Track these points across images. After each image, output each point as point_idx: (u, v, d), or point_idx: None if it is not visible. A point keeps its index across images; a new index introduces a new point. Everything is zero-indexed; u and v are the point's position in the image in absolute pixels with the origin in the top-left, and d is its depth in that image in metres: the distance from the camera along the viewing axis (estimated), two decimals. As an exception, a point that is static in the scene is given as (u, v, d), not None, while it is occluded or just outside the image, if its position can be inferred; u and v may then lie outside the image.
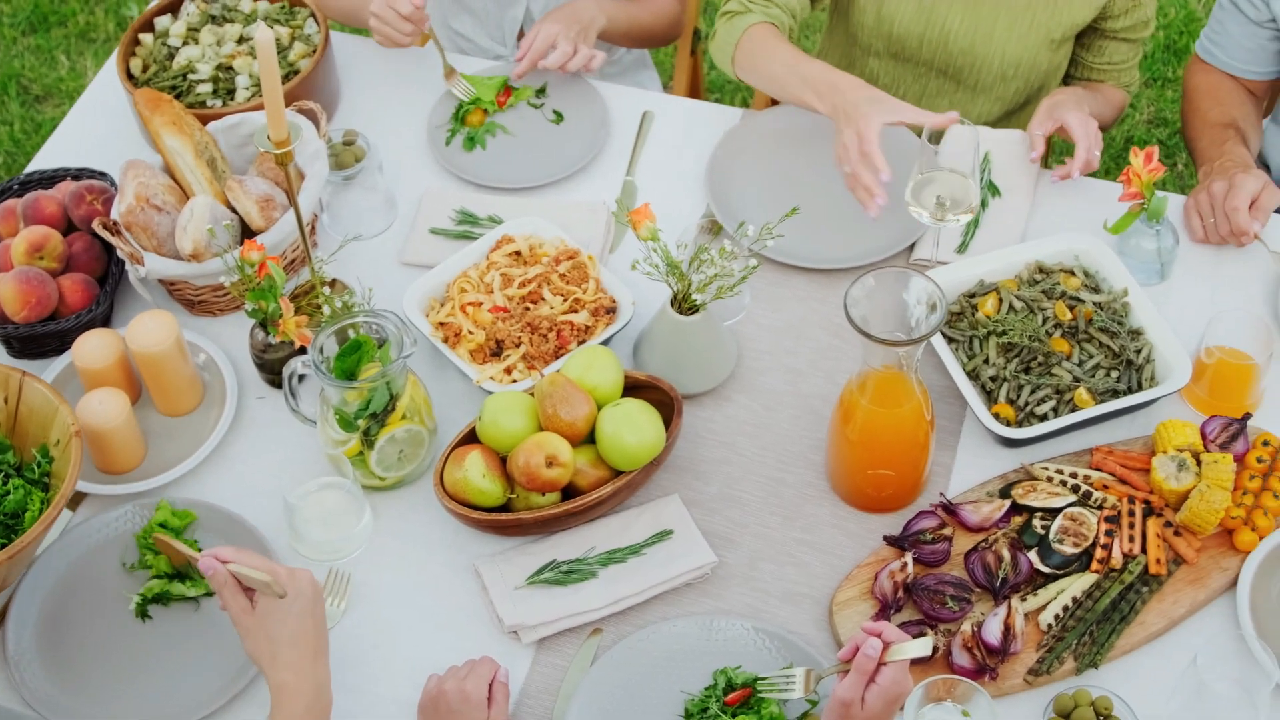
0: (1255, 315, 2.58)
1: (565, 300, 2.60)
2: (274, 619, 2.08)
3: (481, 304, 2.60)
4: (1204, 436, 2.46)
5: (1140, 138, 4.70)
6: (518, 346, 2.55)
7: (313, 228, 2.80)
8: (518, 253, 2.69)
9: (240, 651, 2.29)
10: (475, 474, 2.35)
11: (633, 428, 2.35)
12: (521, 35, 3.34)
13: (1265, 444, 2.47)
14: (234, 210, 2.68)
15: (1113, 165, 4.43)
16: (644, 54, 3.53)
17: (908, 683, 2.02)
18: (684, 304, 2.49)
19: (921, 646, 1.99)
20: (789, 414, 2.57)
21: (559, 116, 3.02)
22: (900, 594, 2.30)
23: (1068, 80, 3.17)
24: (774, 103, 3.43)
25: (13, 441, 2.43)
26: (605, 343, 2.57)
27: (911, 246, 2.77)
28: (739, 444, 2.54)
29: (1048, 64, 3.03)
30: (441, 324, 2.60)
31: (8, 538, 2.32)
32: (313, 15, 3.04)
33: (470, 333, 2.57)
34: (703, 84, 3.72)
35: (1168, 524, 2.39)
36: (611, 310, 2.60)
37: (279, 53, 2.98)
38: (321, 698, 2.08)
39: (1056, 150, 3.65)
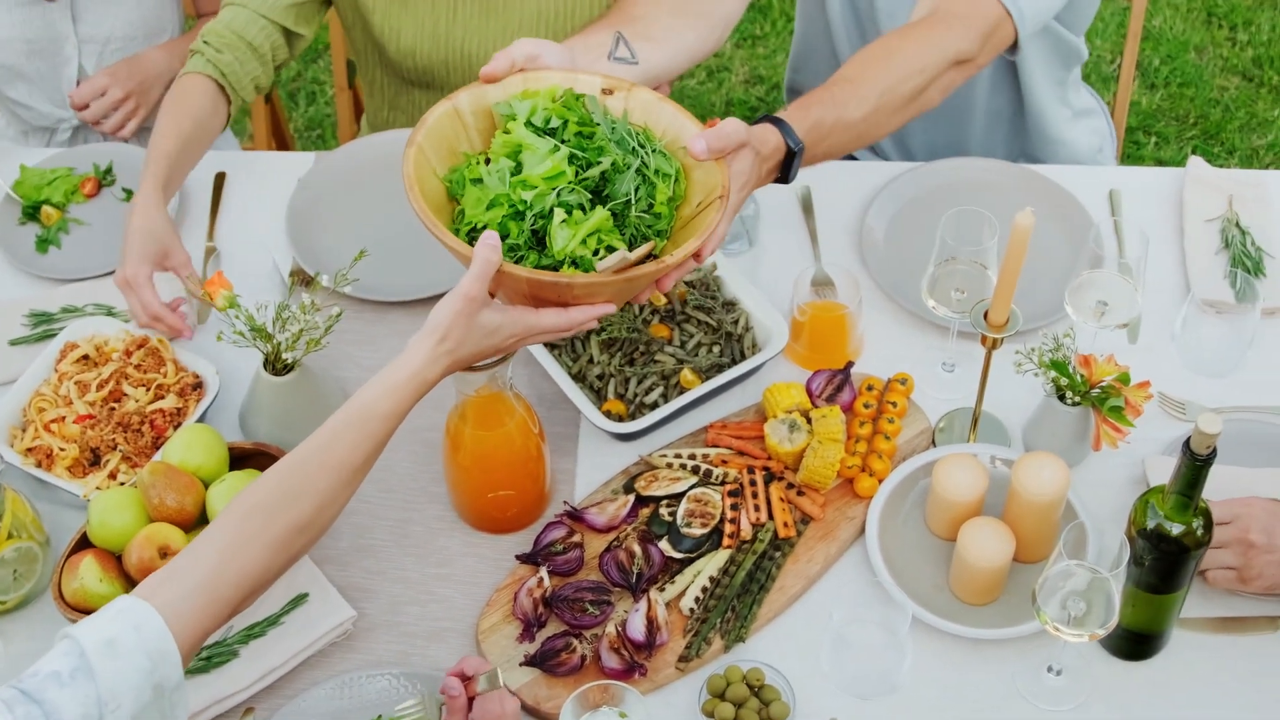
0: (839, 265, 2.64)
1: (148, 389, 2.53)
2: None
3: (65, 418, 2.52)
4: (810, 393, 2.51)
5: (739, 98, 4.78)
6: (115, 449, 2.47)
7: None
8: (86, 356, 2.60)
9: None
10: (91, 580, 2.27)
11: (243, 501, 2.30)
12: None
13: (870, 389, 2.53)
14: None
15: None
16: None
17: (507, 704, 2.05)
18: (277, 364, 2.44)
19: (489, 680, 2.04)
20: (406, 451, 2.54)
21: (128, 194, 2.93)
22: (541, 610, 2.30)
23: None
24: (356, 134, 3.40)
25: None
26: (201, 419, 2.51)
27: (503, 260, 2.77)
28: (362, 492, 2.49)
29: None
30: (30, 449, 2.50)
31: None
32: None
33: (61, 450, 2.49)
34: (288, 129, 3.66)
35: (789, 486, 2.43)
36: (199, 385, 2.54)
37: None
38: None
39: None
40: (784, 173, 2.35)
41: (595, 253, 2.05)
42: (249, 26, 2.84)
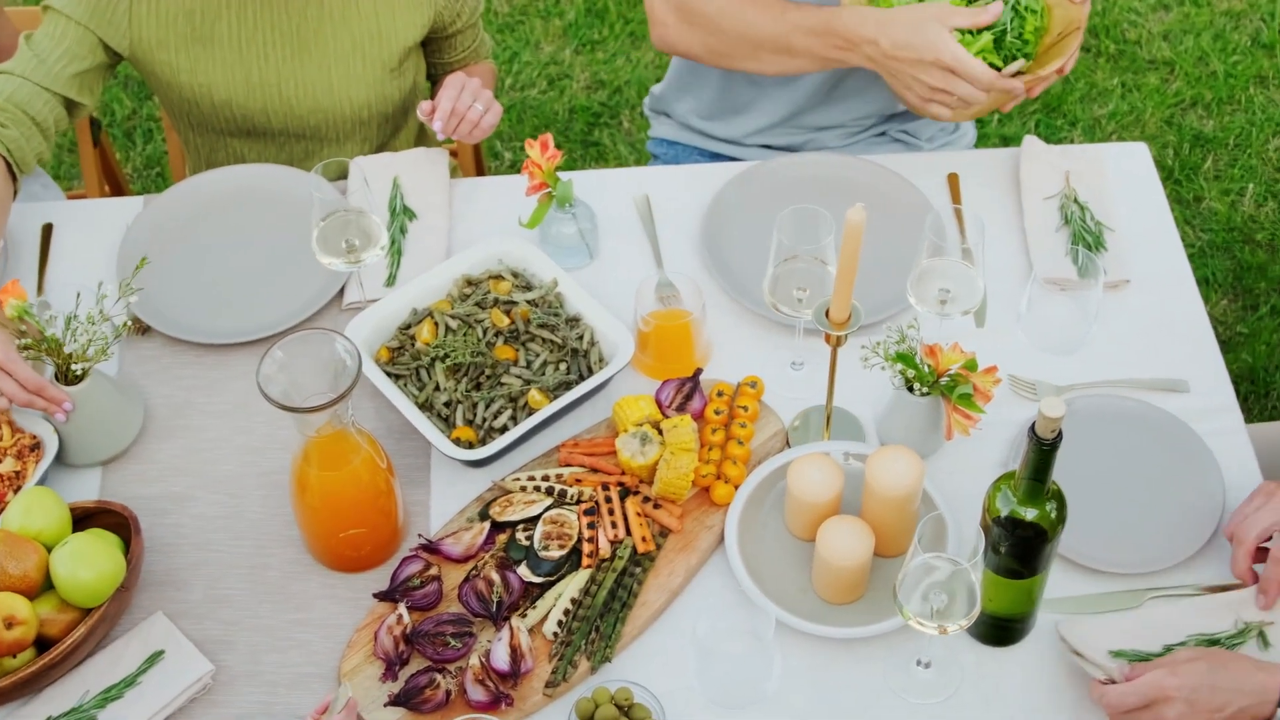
0: (682, 271, 2.62)
1: (-17, 456, 2.47)
2: None
3: (-101, 494, 2.45)
4: (659, 404, 2.48)
5: (582, 104, 4.76)
6: (-48, 520, 2.41)
7: None
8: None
9: None
10: (-63, 655, 2.21)
11: (87, 562, 2.24)
12: None
13: (720, 394, 2.51)
14: None
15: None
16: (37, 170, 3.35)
17: None
18: (69, 375, 2.43)
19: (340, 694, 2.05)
20: (257, 496, 2.49)
21: (-51, 254, 2.85)
22: (402, 647, 2.25)
23: (435, 83, 3.18)
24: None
25: None
26: (42, 481, 2.44)
27: (341, 292, 2.72)
28: (213, 541, 2.45)
29: (398, 91, 3.01)
30: None
31: None
32: None
33: (-102, 522, 2.41)
34: (120, 171, 3.58)
35: (646, 499, 2.41)
36: (37, 446, 2.47)
37: None
38: None
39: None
40: None
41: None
42: (33, 101, 2.75)
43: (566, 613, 2.29)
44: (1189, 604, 2.30)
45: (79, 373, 2.43)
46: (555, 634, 2.28)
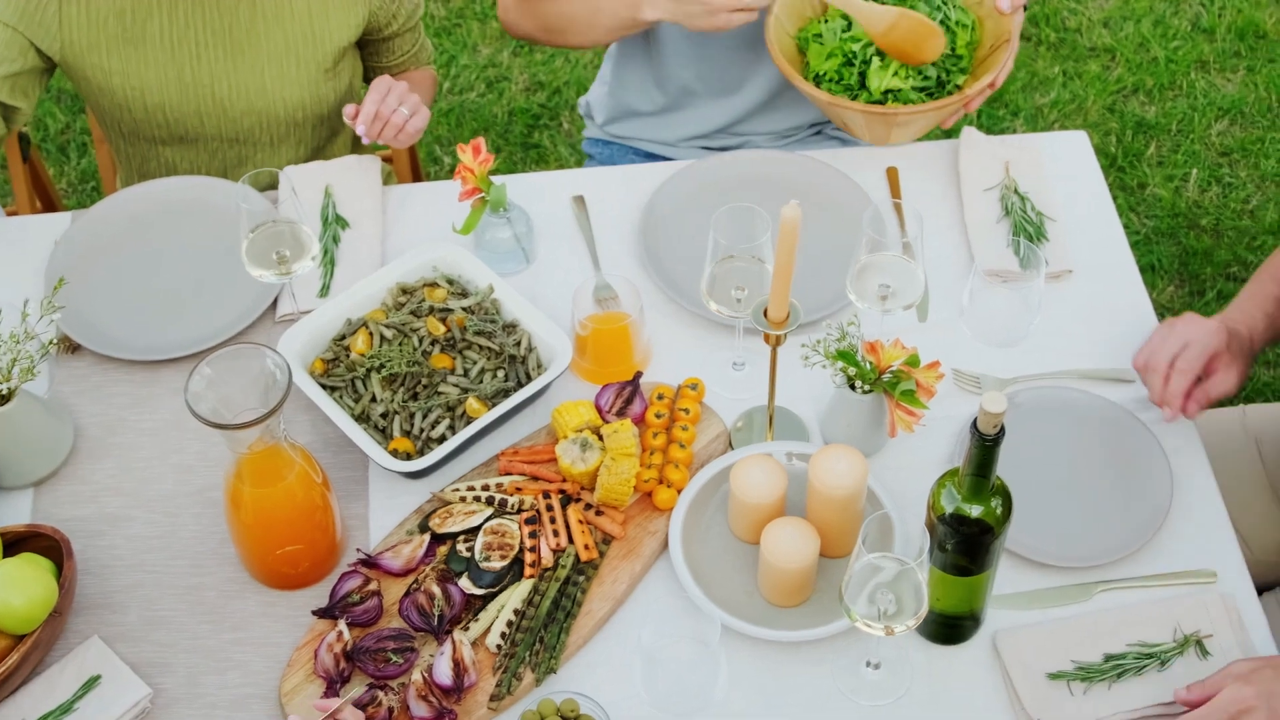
0: (618, 275, 2.59)
1: (-93, 480, 2.42)
2: None
3: None
4: (599, 409, 2.45)
5: (521, 106, 4.72)
6: (-124, 545, 2.36)
7: None
8: None
9: None
10: None
11: (17, 588, 2.19)
12: None
13: (661, 397, 2.47)
14: None
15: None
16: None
17: None
18: None
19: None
20: (191, 515, 2.45)
21: None
22: (343, 664, 2.21)
23: None
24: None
25: None
26: (-31, 505, 2.41)
27: (274, 304, 2.67)
28: (148, 562, 2.40)
29: (333, 93, 2.97)
30: None
31: None
32: None
33: None
34: (52, 187, 3.53)
35: (588, 506, 2.37)
36: (-38, 471, 2.43)
37: None
38: None
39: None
40: None
41: (915, 87, 2.72)
42: None
43: (510, 624, 2.26)
44: (1130, 610, 2.28)
45: (4, 392, 2.38)
46: (499, 646, 2.24)
